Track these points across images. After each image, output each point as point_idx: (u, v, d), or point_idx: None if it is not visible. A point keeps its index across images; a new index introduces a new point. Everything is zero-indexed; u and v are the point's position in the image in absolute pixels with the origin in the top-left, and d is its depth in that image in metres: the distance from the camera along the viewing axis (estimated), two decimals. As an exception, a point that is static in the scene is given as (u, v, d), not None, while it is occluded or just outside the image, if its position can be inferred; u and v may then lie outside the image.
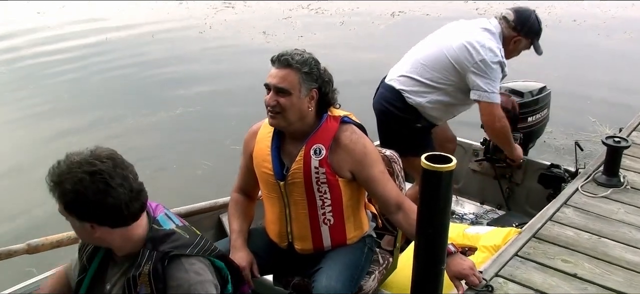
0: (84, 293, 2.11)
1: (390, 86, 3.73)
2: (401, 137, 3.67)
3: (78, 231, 2.00)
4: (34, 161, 6.17)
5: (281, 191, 2.63)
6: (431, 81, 3.64)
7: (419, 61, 3.69)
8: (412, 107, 3.67)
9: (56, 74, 9.26)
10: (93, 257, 2.10)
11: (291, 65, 2.49)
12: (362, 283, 2.76)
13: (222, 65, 9.72)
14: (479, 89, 3.59)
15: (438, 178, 1.71)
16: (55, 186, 1.91)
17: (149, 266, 1.96)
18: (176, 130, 7.20)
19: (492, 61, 3.55)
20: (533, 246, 2.91)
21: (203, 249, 2.05)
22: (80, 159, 1.91)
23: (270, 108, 2.53)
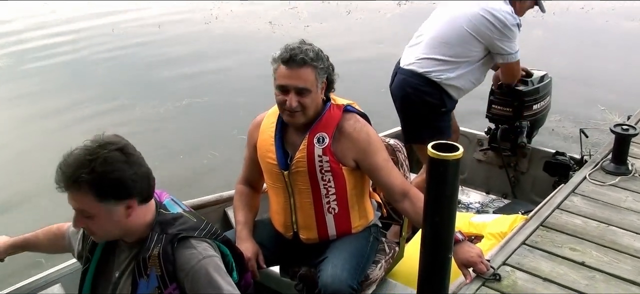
0: (90, 282, 2.11)
1: (411, 71, 3.68)
2: (425, 123, 3.66)
3: (106, 222, 1.94)
4: (40, 152, 6.20)
5: (285, 181, 2.63)
6: (454, 56, 3.61)
7: (436, 40, 3.65)
8: (438, 85, 3.63)
9: (62, 64, 9.31)
10: (94, 247, 2.11)
11: (308, 63, 2.47)
12: (369, 272, 2.75)
13: (228, 55, 9.72)
14: (504, 53, 3.64)
15: (445, 167, 1.70)
16: (84, 175, 1.85)
17: (159, 248, 1.97)
18: (183, 120, 7.22)
19: (511, 24, 3.57)
20: (541, 234, 2.89)
21: (209, 232, 2.07)
22: (98, 143, 1.91)
23: (291, 109, 2.51)
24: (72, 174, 1.86)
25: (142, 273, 1.99)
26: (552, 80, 4.25)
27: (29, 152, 6.29)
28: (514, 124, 4.15)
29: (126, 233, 2.01)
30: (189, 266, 1.97)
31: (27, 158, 6.14)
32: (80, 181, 1.85)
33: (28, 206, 5.22)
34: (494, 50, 3.63)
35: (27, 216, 5.03)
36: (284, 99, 2.51)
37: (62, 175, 1.88)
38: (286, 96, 2.50)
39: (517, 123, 4.13)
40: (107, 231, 1.98)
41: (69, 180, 1.87)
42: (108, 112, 7.39)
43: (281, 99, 2.52)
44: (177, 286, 1.98)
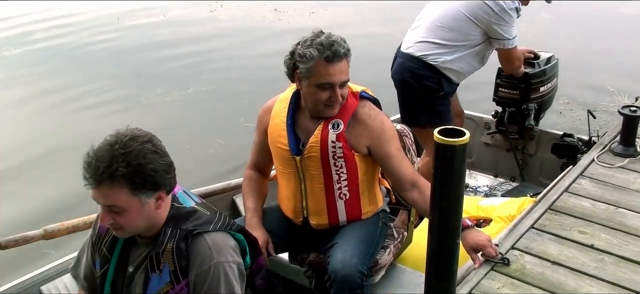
0: (111, 281, 2.12)
1: (409, 54, 3.67)
2: (424, 107, 3.65)
3: (137, 215, 1.95)
4: (49, 144, 6.23)
5: (297, 166, 2.63)
6: (452, 40, 3.60)
7: (435, 23, 3.64)
8: (436, 69, 3.62)
9: (69, 55, 9.32)
10: (113, 246, 2.11)
11: (347, 55, 2.48)
12: (378, 257, 2.76)
13: (234, 42, 9.72)
14: (501, 38, 3.62)
15: (451, 152, 1.70)
16: (121, 168, 1.85)
17: (172, 244, 1.99)
18: (189, 109, 7.23)
19: (509, 8, 3.54)
20: (549, 218, 2.89)
21: (223, 225, 2.08)
22: (128, 136, 1.90)
23: (336, 103, 2.52)
24: (106, 167, 1.84)
25: (155, 267, 2.00)
26: (558, 62, 4.24)
27: (36, 141, 6.31)
28: (521, 107, 4.14)
29: (151, 226, 2.01)
30: (200, 266, 1.98)
31: (35, 147, 6.16)
32: (115, 175, 1.85)
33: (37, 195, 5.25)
34: (491, 34, 3.61)
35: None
36: (327, 96, 2.49)
37: (94, 170, 1.86)
38: (330, 92, 2.49)
39: (524, 106, 4.12)
40: (135, 226, 1.98)
41: (103, 174, 1.85)
42: (113, 100, 7.40)
43: (323, 96, 2.50)
44: (188, 282, 1.99)
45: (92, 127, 6.42)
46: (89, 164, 1.87)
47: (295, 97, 2.65)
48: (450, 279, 1.99)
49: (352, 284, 2.49)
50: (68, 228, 2.86)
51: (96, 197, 1.93)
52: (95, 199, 1.94)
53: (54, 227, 2.88)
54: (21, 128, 6.78)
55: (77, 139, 6.08)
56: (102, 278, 2.13)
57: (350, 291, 2.49)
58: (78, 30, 10.53)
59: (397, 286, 2.89)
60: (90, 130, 6.26)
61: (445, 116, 3.63)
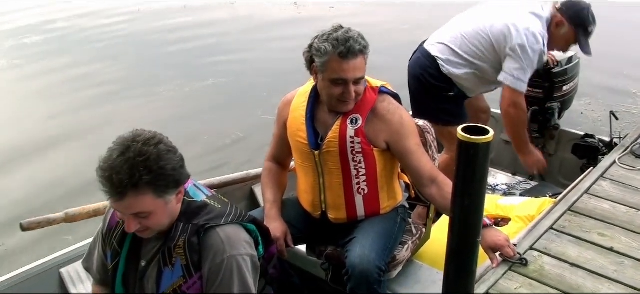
0: (122, 273, 2.14)
1: (427, 52, 3.67)
2: (433, 105, 3.63)
3: (162, 215, 1.96)
4: (68, 131, 6.29)
5: (315, 160, 2.63)
6: (468, 54, 3.57)
7: (460, 33, 3.62)
8: (445, 76, 3.62)
9: (88, 45, 9.38)
10: (123, 239, 2.12)
11: (363, 52, 2.46)
12: (396, 253, 2.76)
13: (252, 36, 9.73)
14: (509, 72, 3.51)
15: (475, 150, 1.69)
16: (144, 177, 1.84)
17: (184, 238, 2.00)
18: (207, 101, 7.25)
19: (531, 48, 3.43)
20: (568, 219, 2.87)
21: (235, 217, 2.09)
22: (139, 141, 1.88)
23: (349, 99, 2.51)
24: (129, 179, 1.83)
25: (168, 262, 2.02)
26: (580, 61, 4.20)
27: (56, 127, 6.38)
28: (545, 106, 4.10)
29: (173, 220, 2.03)
30: (213, 260, 1.99)
31: (53, 133, 6.22)
32: (139, 184, 1.84)
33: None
34: (503, 67, 3.53)
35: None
36: (340, 92, 2.49)
37: (117, 183, 1.83)
38: (343, 87, 2.48)
39: (547, 104, 4.08)
40: (161, 225, 1.99)
41: (127, 186, 1.83)
42: (132, 92, 7.45)
43: (337, 91, 2.50)
44: (201, 276, 2.00)
45: (111, 117, 6.48)
46: (109, 179, 1.84)
47: (314, 91, 2.65)
48: (469, 278, 1.98)
49: (370, 279, 2.49)
50: (89, 212, 2.90)
51: (119, 208, 1.92)
52: (118, 210, 1.94)
53: (75, 211, 2.92)
54: (41, 114, 6.85)
55: (96, 130, 6.15)
56: (114, 271, 2.15)
57: (367, 286, 2.49)
58: (98, 20, 10.61)
59: (414, 283, 2.88)
60: (109, 122, 6.32)
61: (456, 115, 3.59)
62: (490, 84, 3.74)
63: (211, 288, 2.00)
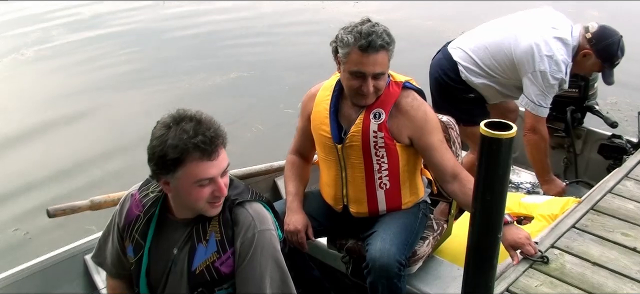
0: (147, 266, 2.16)
1: (449, 54, 3.67)
2: (453, 105, 3.61)
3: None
4: (93, 121, 6.37)
5: (338, 154, 2.64)
6: (488, 67, 3.57)
7: (483, 44, 3.60)
8: (463, 81, 3.62)
9: (113, 38, 9.46)
10: (146, 232, 2.14)
11: (385, 48, 2.45)
12: (416, 248, 2.76)
13: (276, 30, 9.76)
14: (529, 98, 3.50)
15: (497, 146, 1.68)
16: (223, 132, 1.97)
17: (219, 214, 2.04)
18: (230, 94, 7.29)
19: (553, 75, 3.40)
20: (591, 218, 2.85)
21: (254, 194, 2.14)
22: (193, 112, 1.98)
23: (366, 94, 2.51)
24: (216, 132, 1.93)
25: (202, 237, 2.04)
26: None
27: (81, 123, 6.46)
28: (583, 105, 4.07)
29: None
30: (245, 234, 2.02)
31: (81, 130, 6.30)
32: (225, 137, 1.96)
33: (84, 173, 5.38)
34: (523, 89, 3.51)
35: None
36: (358, 85, 2.49)
37: (209, 139, 1.90)
38: (361, 81, 2.48)
39: (586, 103, 4.06)
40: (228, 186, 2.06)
41: (217, 138, 1.93)
42: (156, 85, 7.52)
43: (355, 84, 2.50)
44: (234, 251, 2.03)
45: (138, 108, 6.55)
46: (202, 141, 1.89)
47: (339, 85, 2.65)
48: (489, 274, 1.98)
49: (390, 273, 2.50)
50: (114, 200, 2.94)
51: (216, 170, 1.94)
52: (214, 175, 1.94)
53: (100, 198, 2.97)
54: (64, 103, 6.95)
55: (117, 118, 6.22)
56: (138, 263, 2.16)
57: (387, 279, 2.51)
58: (123, 13, 10.69)
59: (435, 278, 2.88)
60: (131, 114, 6.39)
61: (477, 115, 3.53)
62: (507, 96, 3.74)
63: (243, 262, 2.02)
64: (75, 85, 7.54)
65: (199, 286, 2.06)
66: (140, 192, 2.19)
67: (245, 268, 2.03)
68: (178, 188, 1.98)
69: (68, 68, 8.19)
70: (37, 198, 4.91)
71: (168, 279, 2.13)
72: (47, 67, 8.29)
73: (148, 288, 2.18)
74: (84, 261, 3.07)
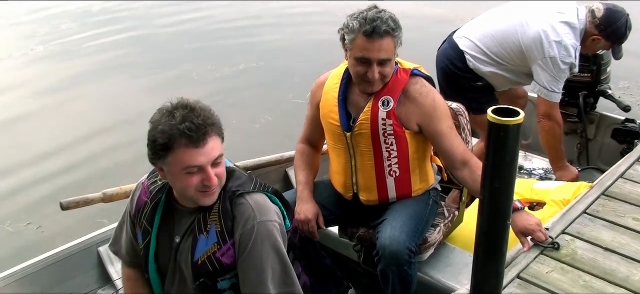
0: (154, 251, 2.19)
1: (455, 44, 3.67)
2: (461, 94, 3.59)
3: (222, 160, 2.03)
4: (104, 114, 6.40)
5: (347, 142, 2.65)
6: (496, 55, 3.56)
7: (489, 32, 3.59)
8: (471, 69, 3.61)
9: (122, 29, 9.48)
10: (152, 218, 2.17)
11: (390, 34, 2.44)
12: (427, 235, 2.77)
13: (284, 20, 9.74)
14: (541, 84, 3.52)
15: (505, 132, 1.68)
16: (215, 119, 1.98)
17: (218, 204, 2.05)
18: (238, 85, 7.30)
19: (562, 60, 3.42)
20: (602, 203, 2.83)
21: (260, 186, 2.13)
22: (188, 101, 1.98)
23: (371, 80, 2.51)
24: (205, 119, 1.93)
25: (203, 228, 2.06)
26: None
27: (91, 117, 6.49)
28: (595, 90, 4.06)
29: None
30: (244, 226, 2.03)
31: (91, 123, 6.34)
32: (215, 124, 1.96)
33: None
34: (534, 76, 3.53)
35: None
36: (364, 71, 2.49)
37: (195, 126, 1.90)
38: (366, 67, 2.48)
39: (598, 88, 4.04)
40: (224, 176, 2.05)
41: (206, 126, 1.93)
42: (164, 76, 7.54)
43: (361, 70, 2.50)
44: (234, 242, 2.04)
45: (145, 100, 6.57)
46: (189, 128, 1.90)
47: (347, 73, 2.65)
48: (499, 261, 1.97)
49: (400, 260, 2.51)
50: (126, 192, 2.97)
51: (204, 158, 1.94)
52: (202, 163, 1.94)
53: (112, 191, 2.99)
54: (74, 99, 6.98)
55: (127, 110, 6.25)
56: (145, 249, 2.19)
57: (397, 267, 2.52)
58: (131, 3, 10.70)
59: (446, 265, 2.89)
60: (140, 102, 6.42)
61: (485, 103, 3.51)
62: (516, 83, 3.73)
63: (243, 254, 2.04)
64: (86, 78, 7.58)
65: (202, 276, 2.08)
66: (149, 179, 2.22)
67: (245, 260, 2.04)
68: (170, 175, 2.01)
69: (79, 61, 8.24)
70: (48, 193, 4.96)
71: (175, 268, 2.16)
72: (57, 60, 8.34)
73: (158, 274, 2.21)
74: (98, 253, 3.11)
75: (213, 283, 2.10)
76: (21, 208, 4.83)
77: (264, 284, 2.04)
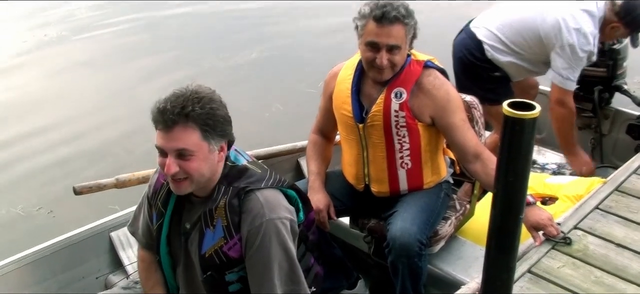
0: (166, 234, 2.20)
1: (473, 34, 3.65)
2: (478, 85, 3.60)
3: (204, 162, 1.98)
4: (117, 101, 6.42)
5: (360, 133, 2.64)
6: (514, 44, 3.55)
7: (508, 22, 3.58)
8: (489, 59, 3.59)
9: (135, 17, 9.49)
10: (167, 201, 2.18)
11: (400, 20, 2.43)
12: (438, 228, 2.76)
13: (299, 9, 9.69)
14: (557, 71, 3.50)
15: (520, 126, 1.67)
16: (197, 108, 1.91)
17: (225, 200, 2.04)
18: (250, 73, 7.28)
19: (581, 48, 3.41)
20: (615, 199, 2.81)
21: (275, 181, 2.12)
22: (196, 86, 1.99)
23: (380, 66, 2.50)
24: (182, 108, 1.90)
25: (209, 223, 2.06)
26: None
27: (104, 104, 6.51)
28: (611, 85, 4.03)
29: (212, 179, 2.06)
30: (252, 222, 2.02)
31: (104, 110, 6.37)
32: (190, 115, 1.91)
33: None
34: (551, 62, 3.51)
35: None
36: (373, 56, 2.49)
37: (169, 111, 1.90)
38: (376, 53, 2.48)
39: (614, 83, 4.02)
40: (201, 174, 2.00)
41: (178, 114, 1.90)
42: (177, 64, 7.54)
43: (370, 56, 2.50)
44: (241, 237, 2.04)
45: (158, 87, 6.58)
46: (162, 110, 1.92)
47: (361, 64, 2.65)
48: (511, 255, 1.97)
49: (410, 252, 2.50)
50: (139, 178, 2.99)
51: (165, 144, 1.94)
52: (164, 147, 1.95)
53: (125, 176, 3.01)
54: (88, 85, 7.01)
55: (144, 97, 6.25)
56: (158, 231, 2.20)
57: (407, 259, 2.51)
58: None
59: (457, 258, 2.89)
60: (152, 88, 6.43)
61: (502, 94, 3.49)
62: (533, 72, 3.72)
63: (250, 251, 2.03)
64: (101, 64, 7.61)
65: (209, 270, 2.09)
66: None
67: (253, 256, 2.04)
68: None
69: (94, 46, 8.27)
70: (60, 178, 4.98)
71: (186, 254, 2.17)
72: (72, 46, 8.37)
73: (169, 257, 2.23)
74: (110, 238, 3.13)
75: (221, 276, 2.11)
76: (33, 193, 4.86)
77: (271, 281, 2.04)
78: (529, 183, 1.82)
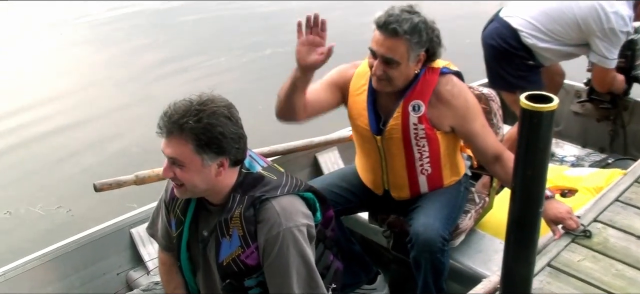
0: (186, 241, 2.20)
1: (507, 23, 3.62)
2: (511, 72, 3.61)
3: (196, 174, 1.97)
4: (132, 99, 6.45)
5: (377, 145, 2.61)
6: (552, 32, 3.53)
7: (543, 10, 3.56)
8: (526, 46, 3.57)
9: (150, 13, 9.52)
10: (186, 208, 2.17)
11: (399, 35, 2.37)
12: (459, 222, 2.75)
13: (313, 6, 9.65)
14: (600, 54, 3.54)
15: (538, 118, 1.66)
16: (191, 122, 1.90)
17: (240, 210, 2.02)
18: (264, 70, 7.26)
19: (620, 30, 3.44)
20: (635, 191, 2.79)
21: (291, 187, 2.09)
22: (207, 97, 1.96)
23: (376, 76, 2.47)
24: (178, 119, 1.90)
25: (225, 233, 2.05)
26: None
27: (122, 102, 6.54)
28: (630, 75, 4.01)
29: (212, 191, 2.05)
30: (269, 232, 2.00)
31: (121, 109, 6.40)
32: (184, 127, 1.90)
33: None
34: (592, 46, 3.53)
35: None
36: (372, 63, 2.47)
37: (167, 119, 1.93)
38: (374, 60, 2.46)
39: (634, 73, 4.00)
40: (193, 185, 2.00)
41: (174, 124, 1.91)
42: (193, 62, 7.56)
43: (370, 62, 2.49)
44: (258, 246, 2.03)
45: (173, 85, 6.62)
46: (165, 114, 1.94)
47: None
48: (530, 249, 1.96)
49: (433, 248, 2.49)
50: (158, 174, 2.99)
51: (164, 148, 1.97)
52: (163, 150, 1.98)
53: (144, 173, 3.02)
54: (103, 83, 7.04)
55: (159, 95, 6.28)
56: (178, 238, 2.21)
57: (430, 254, 2.49)
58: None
59: (476, 252, 2.88)
60: (169, 88, 6.45)
61: (533, 82, 3.55)
62: (573, 55, 3.73)
63: (268, 260, 2.02)
64: (118, 63, 7.64)
65: (228, 277, 2.09)
66: None
67: (270, 265, 2.03)
68: None
69: (111, 46, 8.31)
70: (79, 177, 5.01)
71: (205, 263, 2.17)
72: (89, 46, 8.42)
73: (189, 262, 2.23)
74: (130, 234, 3.16)
75: (240, 282, 2.10)
76: (51, 191, 4.89)
77: (290, 288, 2.04)
78: (547, 176, 1.81)
